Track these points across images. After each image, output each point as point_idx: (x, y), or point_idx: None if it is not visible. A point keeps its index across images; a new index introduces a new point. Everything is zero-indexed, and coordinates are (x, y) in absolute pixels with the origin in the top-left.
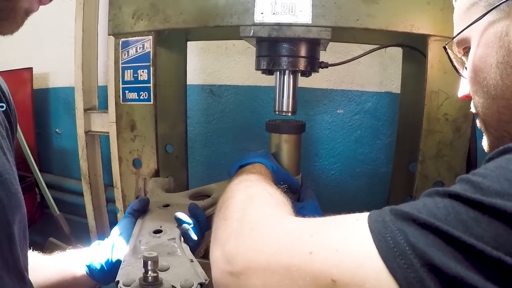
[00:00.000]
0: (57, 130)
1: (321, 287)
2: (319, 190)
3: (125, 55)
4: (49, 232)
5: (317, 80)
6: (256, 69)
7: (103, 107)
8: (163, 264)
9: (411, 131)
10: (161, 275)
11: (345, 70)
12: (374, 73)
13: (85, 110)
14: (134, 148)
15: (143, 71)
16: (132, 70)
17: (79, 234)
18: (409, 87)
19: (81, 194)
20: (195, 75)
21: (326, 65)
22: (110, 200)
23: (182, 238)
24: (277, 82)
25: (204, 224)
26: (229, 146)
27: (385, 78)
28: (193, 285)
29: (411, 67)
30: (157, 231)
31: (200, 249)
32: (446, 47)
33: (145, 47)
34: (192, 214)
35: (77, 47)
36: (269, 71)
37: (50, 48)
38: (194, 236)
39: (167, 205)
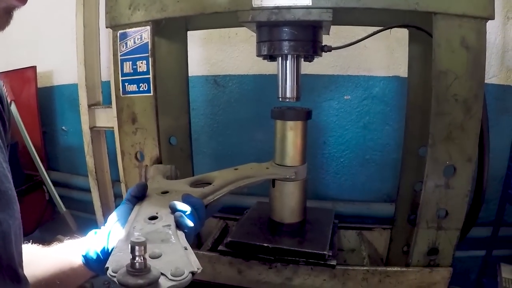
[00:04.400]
0: (63, 127)
1: None
2: (329, 179)
3: (123, 47)
4: (59, 229)
5: (323, 66)
6: (257, 55)
7: (108, 102)
8: (155, 251)
9: (420, 114)
10: (152, 262)
11: (351, 55)
12: (381, 57)
13: (89, 106)
14: (136, 141)
15: (142, 63)
16: (131, 62)
17: (88, 231)
18: (416, 69)
19: (89, 190)
20: (199, 66)
21: (329, 49)
22: (119, 196)
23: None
24: (279, 68)
25: (202, 211)
26: (236, 137)
27: (392, 62)
28: (183, 274)
29: (418, 48)
30: (153, 218)
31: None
32: None
33: (143, 38)
34: (186, 203)
35: (79, 43)
36: (270, 57)
37: (53, 46)
38: (189, 223)
39: (166, 192)
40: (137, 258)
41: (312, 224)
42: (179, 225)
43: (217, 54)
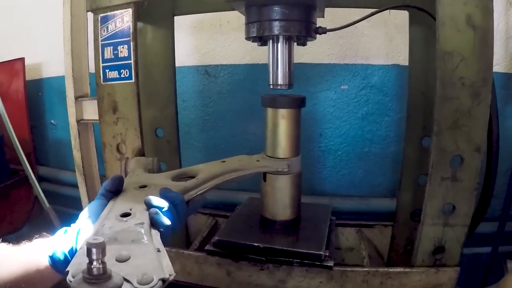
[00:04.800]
0: (52, 121)
1: None
2: (325, 173)
3: (104, 31)
4: (48, 225)
5: (318, 55)
6: (246, 38)
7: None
8: (123, 253)
9: (422, 102)
10: (118, 266)
11: (348, 43)
12: (379, 44)
13: (76, 98)
14: (117, 132)
15: (123, 47)
16: (112, 47)
17: None
18: (418, 54)
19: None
20: (189, 56)
21: (324, 31)
22: None
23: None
24: (270, 52)
25: (182, 207)
26: (228, 130)
27: (392, 50)
28: (152, 281)
29: (419, 31)
30: (125, 215)
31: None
32: None
33: (124, 21)
34: (164, 198)
35: (66, 33)
36: (260, 40)
37: (42, 37)
38: (166, 221)
39: (144, 186)
40: (94, 263)
41: (307, 221)
42: (154, 223)
43: (208, 43)
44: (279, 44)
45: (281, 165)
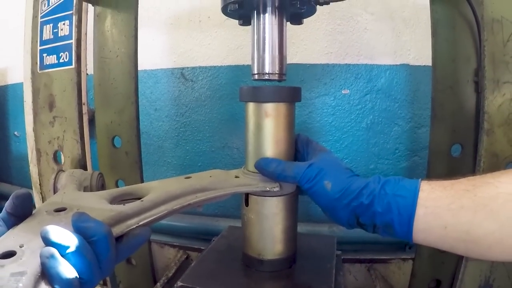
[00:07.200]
0: (15, 132)
1: None
2: None
3: (45, 6)
4: None
5: (314, 54)
6: (223, 11)
7: None
8: None
9: (451, 100)
10: None
11: (349, 40)
12: (386, 41)
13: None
14: (54, 135)
15: (64, 24)
16: (52, 25)
17: None
18: (444, 35)
19: None
20: (163, 57)
21: (326, 1)
22: None
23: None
24: (254, 30)
25: (104, 246)
26: (207, 144)
27: (400, 47)
28: None
29: (443, 8)
30: (7, 255)
31: None
32: None
33: None
34: (76, 230)
35: (27, 30)
36: (241, 15)
37: (7, 39)
38: (65, 272)
39: (61, 209)
40: None
41: (305, 259)
42: (47, 274)
43: (186, 42)
44: (267, 17)
45: (269, 182)
